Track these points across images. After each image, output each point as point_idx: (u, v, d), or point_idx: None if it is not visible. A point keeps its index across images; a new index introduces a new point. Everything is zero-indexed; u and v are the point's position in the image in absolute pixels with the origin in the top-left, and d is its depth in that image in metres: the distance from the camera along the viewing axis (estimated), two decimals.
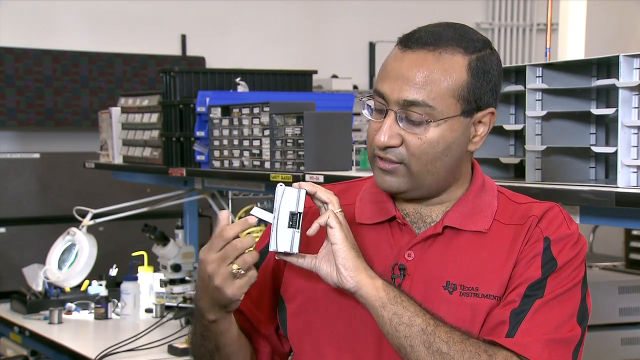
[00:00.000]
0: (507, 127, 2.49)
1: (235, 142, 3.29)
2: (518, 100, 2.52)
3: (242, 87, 3.64)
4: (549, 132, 2.32)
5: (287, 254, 1.56)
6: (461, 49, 1.55)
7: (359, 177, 1.78)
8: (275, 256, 1.58)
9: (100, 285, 3.94)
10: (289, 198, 1.55)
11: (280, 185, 1.56)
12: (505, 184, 1.78)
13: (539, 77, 2.33)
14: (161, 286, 3.84)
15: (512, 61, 7.56)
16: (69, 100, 6.08)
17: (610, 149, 2.17)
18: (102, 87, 6.17)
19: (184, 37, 6.63)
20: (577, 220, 2.11)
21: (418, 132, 1.54)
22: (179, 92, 3.62)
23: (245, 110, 3.22)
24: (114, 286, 3.95)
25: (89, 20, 6.34)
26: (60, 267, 3.99)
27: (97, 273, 4.05)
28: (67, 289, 4.00)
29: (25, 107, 5.97)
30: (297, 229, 1.55)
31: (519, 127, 2.45)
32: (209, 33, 6.70)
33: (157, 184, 4.44)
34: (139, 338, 3.35)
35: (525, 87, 2.35)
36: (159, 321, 3.60)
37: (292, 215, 1.54)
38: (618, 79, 2.09)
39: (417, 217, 1.64)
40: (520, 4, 7.75)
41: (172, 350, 3.22)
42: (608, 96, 2.37)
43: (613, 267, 3.98)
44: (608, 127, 2.38)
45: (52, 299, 3.93)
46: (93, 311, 3.82)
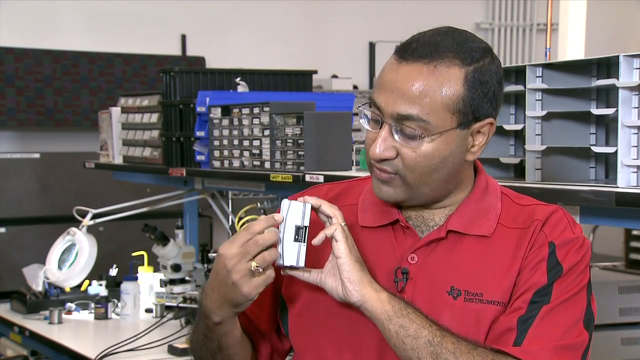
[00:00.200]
0: (507, 127, 2.48)
1: (235, 142, 3.28)
2: (518, 100, 2.52)
3: (242, 87, 3.64)
4: (549, 132, 2.32)
5: (292, 267, 1.57)
6: (458, 60, 1.52)
7: (360, 177, 1.77)
8: (282, 272, 1.59)
9: (100, 285, 3.94)
10: (294, 212, 1.56)
11: (286, 200, 1.58)
12: (506, 184, 1.77)
13: (539, 77, 2.33)
14: (161, 286, 3.84)
15: (512, 61, 7.56)
16: (69, 100, 6.07)
17: (610, 149, 2.17)
18: (102, 87, 6.16)
19: (184, 37, 6.63)
20: (577, 220, 2.11)
21: (413, 145, 1.53)
22: (179, 92, 3.62)
23: (245, 110, 3.22)
24: (114, 286, 3.95)
25: (89, 20, 6.33)
26: (60, 267, 3.99)
27: (97, 273, 4.05)
28: (67, 289, 4.00)
29: (25, 107, 5.96)
30: (303, 242, 1.56)
31: (519, 127, 2.45)
32: (209, 33, 6.69)
33: (157, 184, 4.44)
34: (139, 338, 3.35)
35: (525, 87, 2.34)
36: (159, 321, 3.59)
37: (298, 229, 1.56)
38: (618, 79, 2.09)
39: (420, 220, 1.64)
40: (520, 4, 7.75)
41: (172, 350, 3.22)
42: (608, 96, 2.36)
43: (613, 267, 3.97)
44: (608, 127, 2.38)
45: (52, 299, 3.93)
46: (93, 311, 3.82)
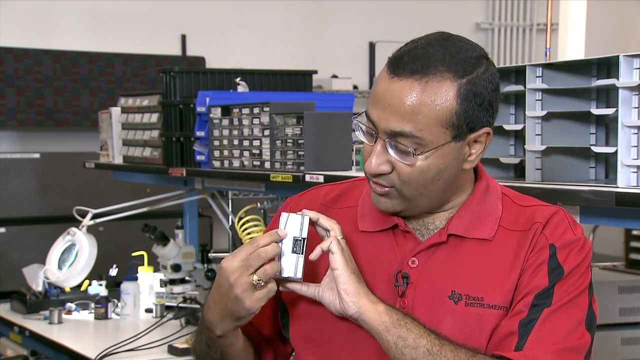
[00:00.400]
0: (507, 127, 2.48)
1: (235, 142, 3.28)
2: (518, 100, 2.51)
3: (242, 87, 3.64)
4: (549, 132, 2.32)
5: (290, 280, 1.58)
6: (450, 74, 1.49)
7: (361, 177, 1.76)
8: (280, 287, 1.59)
9: (100, 285, 3.94)
10: (292, 224, 1.57)
11: (284, 212, 1.59)
12: (506, 183, 1.77)
13: (539, 77, 2.33)
14: (161, 286, 3.84)
15: (512, 61, 7.56)
16: (69, 100, 6.07)
17: (610, 149, 2.17)
18: (102, 87, 6.16)
19: (184, 37, 6.63)
20: (577, 220, 2.11)
21: (407, 161, 1.52)
22: (179, 92, 3.62)
23: (245, 110, 3.22)
24: (114, 286, 3.95)
25: (89, 20, 6.33)
26: (60, 267, 3.99)
27: (97, 273, 4.05)
28: (67, 289, 3.99)
29: (25, 107, 5.96)
30: (301, 254, 1.56)
31: (519, 127, 2.44)
32: (209, 33, 6.69)
33: (157, 184, 4.44)
34: (139, 338, 3.35)
35: (525, 87, 2.34)
36: (159, 321, 3.60)
37: (296, 241, 1.57)
38: (618, 79, 2.09)
39: (420, 224, 1.63)
40: (520, 4, 7.74)
41: (172, 350, 3.22)
42: (608, 96, 2.36)
43: (613, 267, 3.97)
44: (608, 127, 2.38)
45: (52, 299, 3.92)
46: (93, 311, 3.82)
